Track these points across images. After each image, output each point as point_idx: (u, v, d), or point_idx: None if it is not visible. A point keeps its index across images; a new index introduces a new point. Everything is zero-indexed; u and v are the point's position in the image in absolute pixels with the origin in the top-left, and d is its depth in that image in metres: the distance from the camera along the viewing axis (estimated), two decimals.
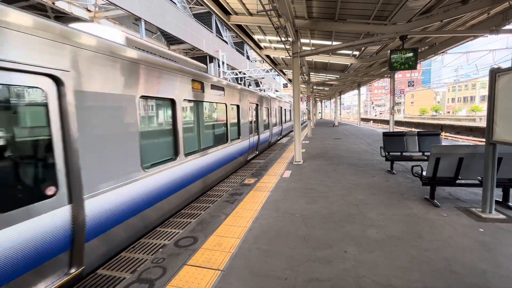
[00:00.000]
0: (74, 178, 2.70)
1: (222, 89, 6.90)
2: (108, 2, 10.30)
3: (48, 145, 2.53)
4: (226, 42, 23.76)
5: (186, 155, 4.97)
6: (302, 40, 10.46)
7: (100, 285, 2.78)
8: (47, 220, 2.43)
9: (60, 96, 2.61)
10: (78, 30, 2.86)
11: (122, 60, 3.40)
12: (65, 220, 2.62)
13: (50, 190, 2.52)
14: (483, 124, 24.53)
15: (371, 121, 44.62)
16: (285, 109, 19.22)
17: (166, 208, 4.39)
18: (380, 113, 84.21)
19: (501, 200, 4.03)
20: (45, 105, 2.50)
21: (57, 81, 2.58)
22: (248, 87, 24.41)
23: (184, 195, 4.94)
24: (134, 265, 3.10)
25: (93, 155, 2.93)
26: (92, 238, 2.90)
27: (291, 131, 21.77)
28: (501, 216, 3.54)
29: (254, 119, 10.32)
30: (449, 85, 67.06)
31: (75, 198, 2.71)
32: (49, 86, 2.53)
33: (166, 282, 2.42)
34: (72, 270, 2.66)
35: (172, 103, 4.63)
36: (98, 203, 2.98)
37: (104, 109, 3.12)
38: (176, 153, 4.66)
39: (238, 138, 8.25)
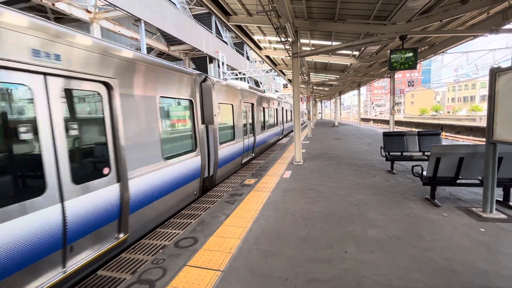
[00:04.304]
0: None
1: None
2: (107, 3, 10.29)
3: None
4: (226, 43, 23.76)
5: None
6: (302, 41, 10.47)
7: (101, 286, 2.77)
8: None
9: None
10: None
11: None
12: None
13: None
14: (483, 123, 24.50)
15: (371, 121, 44.60)
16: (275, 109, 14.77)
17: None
18: (380, 113, 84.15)
19: (501, 199, 4.03)
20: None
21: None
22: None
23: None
24: (134, 266, 3.09)
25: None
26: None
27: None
28: (502, 216, 3.53)
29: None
30: (449, 84, 66.99)
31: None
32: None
33: (166, 283, 2.42)
34: None
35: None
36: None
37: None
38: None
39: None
